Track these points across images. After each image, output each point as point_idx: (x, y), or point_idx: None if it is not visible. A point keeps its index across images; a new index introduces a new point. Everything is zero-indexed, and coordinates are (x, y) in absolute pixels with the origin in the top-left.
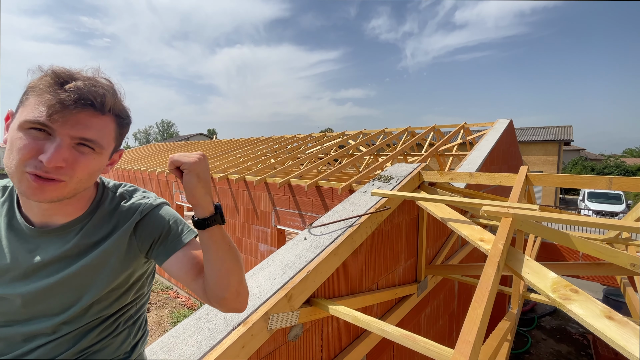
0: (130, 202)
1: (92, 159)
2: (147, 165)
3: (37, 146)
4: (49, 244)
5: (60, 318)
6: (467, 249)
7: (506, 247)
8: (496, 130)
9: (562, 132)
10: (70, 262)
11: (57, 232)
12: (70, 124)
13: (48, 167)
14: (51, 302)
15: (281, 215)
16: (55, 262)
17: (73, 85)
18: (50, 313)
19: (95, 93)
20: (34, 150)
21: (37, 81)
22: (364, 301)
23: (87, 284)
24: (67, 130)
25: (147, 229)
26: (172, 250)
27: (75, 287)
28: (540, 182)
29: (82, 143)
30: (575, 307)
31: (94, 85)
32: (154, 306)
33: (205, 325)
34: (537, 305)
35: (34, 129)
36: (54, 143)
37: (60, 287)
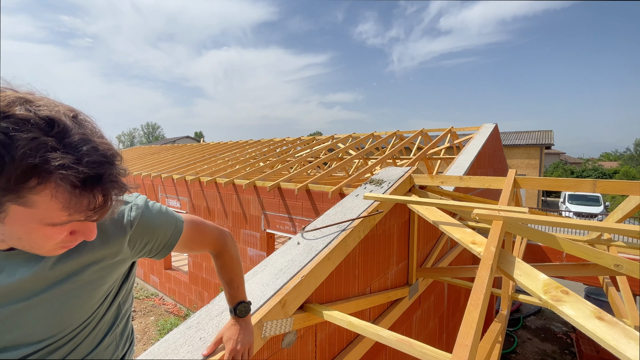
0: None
1: None
2: (132, 169)
3: (67, 229)
4: (16, 266)
5: (44, 342)
6: (456, 251)
7: (498, 249)
8: (482, 135)
9: (543, 137)
10: (47, 283)
11: (24, 253)
12: (101, 211)
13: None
14: (29, 328)
15: (271, 219)
16: (27, 285)
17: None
18: (32, 340)
19: (116, 169)
20: (65, 234)
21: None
22: (357, 305)
23: (74, 306)
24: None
25: (142, 237)
26: (171, 245)
27: (57, 312)
28: (528, 185)
29: None
30: (567, 308)
31: (107, 156)
32: (138, 314)
33: (196, 334)
34: (522, 306)
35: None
36: (85, 224)
37: (37, 312)
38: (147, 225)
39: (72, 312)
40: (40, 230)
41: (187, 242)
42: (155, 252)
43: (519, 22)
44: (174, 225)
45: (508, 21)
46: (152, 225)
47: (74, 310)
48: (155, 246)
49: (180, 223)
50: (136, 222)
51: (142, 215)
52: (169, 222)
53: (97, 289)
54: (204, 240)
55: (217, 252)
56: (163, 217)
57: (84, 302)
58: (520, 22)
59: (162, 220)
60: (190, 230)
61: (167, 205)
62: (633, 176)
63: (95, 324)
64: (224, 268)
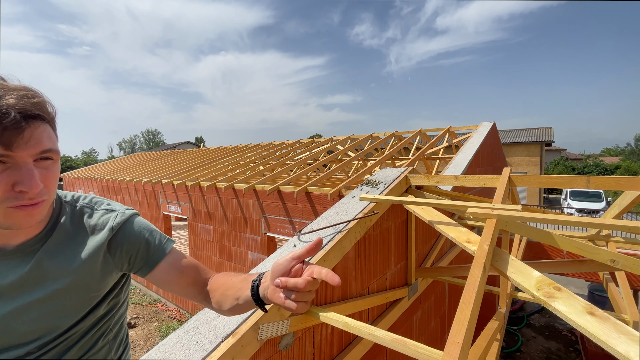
0: (96, 217)
1: (55, 169)
2: (132, 176)
3: (5, 179)
4: (6, 268)
5: (34, 345)
6: (455, 250)
7: (491, 247)
8: (480, 134)
9: (543, 134)
10: (36, 286)
11: (13, 254)
12: (25, 143)
13: (33, 194)
14: (19, 330)
15: (271, 223)
16: (16, 288)
17: (11, 103)
18: (21, 342)
19: (38, 104)
20: (4, 185)
21: None
22: (355, 307)
23: (61, 309)
24: (26, 152)
25: (122, 245)
26: (155, 262)
27: (47, 314)
28: (522, 183)
29: (43, 157)
30: (559, 304)
31: (28, 96)
32: (141, 320)
33: (193, 338)
34: (525, 304)
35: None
36: (20, 169)
37: (27, 315)
38: (129, 233)
39: (61, 315)
40: None
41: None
42: (139, 265)
43: (516, 19)
44: (160, 241)
45: (504, 19)
46: (135, 235)
47: (61, 312)
48: (138, 258)
49: (168, 242)
50: (118, 227)
51: (126, 223)
52: (154, 237)
53: (83, 293)
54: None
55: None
56: (149, 231)
57: (71, 305)
58: (516, 19)
59: (148, 234)
60: (178, 253)
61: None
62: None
63: (87, 328)
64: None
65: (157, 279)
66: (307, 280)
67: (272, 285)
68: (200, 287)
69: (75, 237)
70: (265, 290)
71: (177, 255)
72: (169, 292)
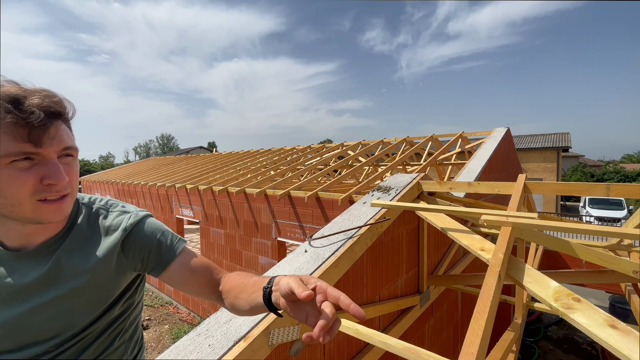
0: (110, 218)
1: (75, 165)
2: (147, 180)
3: (34, 174)
4: (27, 267)
5: (52, 343)
6: (469, 258)
7: (507, 256)
8: (494, 139)
9: (560, 139)
10: (54, 285)
11: (33, 254)
12: (51, 141)
13: (60, 187)
14: (38, 328)
15: (281, 227)
16: (35, 286)
17: (35, 103)
18: (40, 339)
19: (58, 104)
20: (33, 179)
21: None
22: (365, 313)
23: (77, 307)
24: (52, 148)
25: (135, 245)
26: (167, 262)
27: (64, 312)
28: (538, 190)
29: (65, 154)
30: (578, 316)
31: (49, 96)
32: (153, 322)
33: (205, 341)
34: (542, 315)
35: (17, 160)
36: (47, 165)
37: (46, 313)
38: (142, 234)
39: (76, 313)
40: (4, 171)
41: (188, 264)
42: (152, 265)
43: (530, 23)
44: (172, 241)
45: (518, 23)
46: (147, 235)
47: (77, 310)
48: (151, 258)
49: (180, 242)
50: (131, 228)
51: (139, 224)
52: (166, 237)
53: (98, 292)
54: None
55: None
56: (161, 231)
57: (87, 304)
58: (531, 23)
59: (160, 234)
60: (190, 252)
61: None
62: None
63: (103, 328)
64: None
65: (170, 278)
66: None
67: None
68: (213, 287)
69: (90, 238)
70: (277, 299)
71: (189, 255)
72: (183, 292)
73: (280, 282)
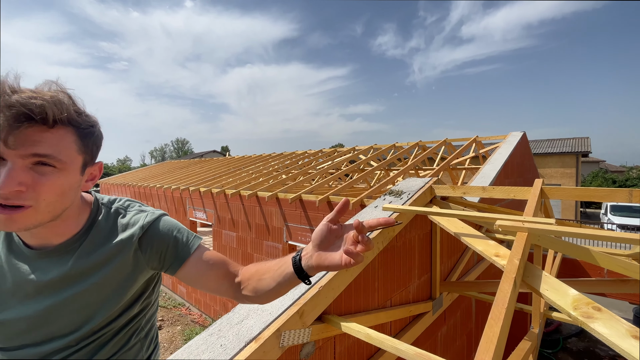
0: (128, 217)
1: (56, 178)
2: (162, 182)
3: None
4: (48, 265)
5: (72, 337)
6: (483, 265)
7: (522, 262)
8: (509, 143)
9: (579, 144)
10: (73, 282)
11: (54, 253)
12: (17, 143)
13: (3, 193)
14: (59, 323)
15: (293, 231)
16: (57, 283)
17: (8, 101)
18: (60, 334)
19: (33, 105)
20: None
21: None
22: (377, 319)
23: (95, 303)
24: (15, 151)
25: (152, 243)
26: (183, 258)
27: (83, 307)
28: (556, 195)
29: (41, 162)
30: (599, 325)
31: (33, 98)
32: (166, 323)
33: (217, 341)
34: (562, 326)
35: None
36: (5, 168)
37: (66, 308)
38: (159, 231)
39: (95, 308)
40: None
41: (205, 258)
42: (169, 262)
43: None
44: (188, 238)
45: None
46: (164, 233)
47: (96, 306)
48: (168, 255)
49: (196, 239)
50: (148, 226)
51: (156, 222)
52: (182, 234)
53: (116, 288)
54: (221, 257)
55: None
56: (177, 229)
57: (105, 299)
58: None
59: (176, 231)
60: (206, 248)
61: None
62: None
63: (121, 326)
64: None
65: (188, 274)
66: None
67: (316, 252)
68: (231, 280)
69: (109, 236)
70: (309, 260)
71: (204, 251)
72: (200, 289)
73: (315, 238)
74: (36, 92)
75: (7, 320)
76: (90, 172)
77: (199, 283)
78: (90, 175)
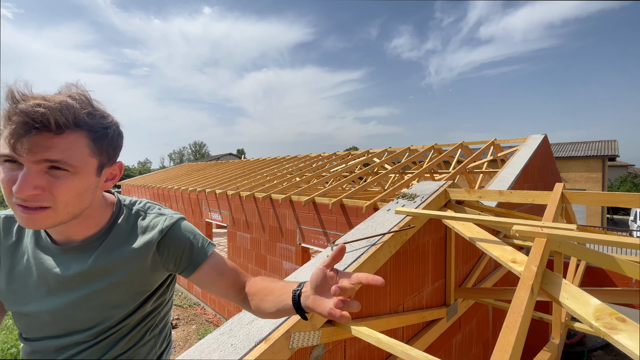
0: (148, 220)
1: (70, 181)
2: (180, 184)
3: (13, 178)
4: (71, 261)
5: (91, 332)
6: (501, 271)
7: (540, 269)
8: (529, 146)
9: (606, 147)
10: (93, 280)
11: (77, 250)
12: (27, 149)
13: (20, 196)
14: (79, 318)
15: (306, 234)
16: (77, 279)
17: (15, 110)
18: (79, 328)
19: (36, 114)
20: (11, 182)
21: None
22: (388, 323)
23: (114, 300)
24: (29, 157)
25: (169, 246)
26: (197, 264)
27: (101, 305)
28: (578, 200)
29: (54, 166)
30: (623, 337)
31: (37, 106)
32: (182, 321)
33: (228, 340)
34: (586, 338)
35: (8, 161)
36: (21, 172)
37: (86, 304)
38: (176, 236)
39: (113, 305)
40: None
41: (217, 266)
42: (184, 266)
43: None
44: (202, 244)
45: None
46: (181, 237)
47: (114, 303)
48: (183, 259)
49: (210, 246)
50: (167, 230)
51: (174, 226)
52: (198, 240)
53: (134, 287)
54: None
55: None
56: (193, 234)
57: (123, 297)
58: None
59: (192, 237)
60: (219, 256)
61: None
62: None
63: (136, 322)
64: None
65: (200, 279)
66: (351, 285)
67: (312, 294)
68: (239, 289)
69: (129, 237)
70: (306, 300)
71: (217, 258)
72: (210, 293)
73: (313, 279)
74: (43, 99)
75: (33, 312)
76: (110, 172)
77: (208, 288)
78: (110, 175)
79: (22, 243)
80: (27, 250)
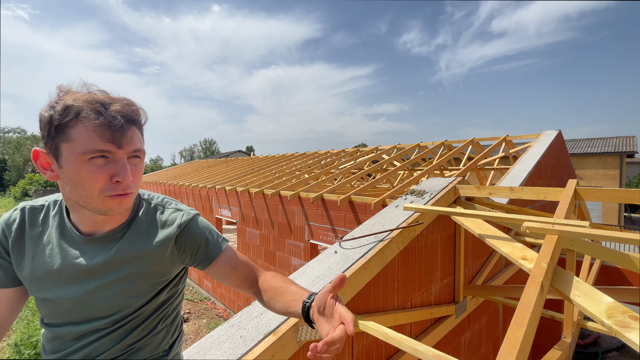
0: (167, 214)
1: (141, 166)
2: (190, 181)
3: (106, 172)
4: (95, 250)
5: (109, 319)
6: (512, 269)
7: (551, 266)
8: (542, 143)
9: (624, 143)
10: (113, 269)
11: (101, 240)
12: (125, 143)
13: (125, 185)
14: (98, 305)
15: (314, 230)
16: (99, 268)
17: (117, 109)
18: (98, 315)
19: (135, 112)
20: (105, 176)
21: (73, 113)
22: (396, 319)
23: (133, 290)
24: (124, 150)
25: (187, 241)
26: (212, 258)
27: (120, 294)
28: (592, 196)
29: (134, 155)
30: (635, 335)
31: (129, 104)
32: (193, 315)
33: (237, 332)
34: (601, 338)
35: (95, 157)
36: (118, 164)
37: (105, 293)
38: (193, 231)
39: (132, 295)
40: (84, 166)
41: (230, 261)
42: (199, 260)
43: (587, 17)
44: (217, 240)
45: (573, 17)
46: (197, 232)
47: (132, 292)
48: (199, 253)
49: (224, 241)
50: (185, 225)
51: (192, 222)
52: (213, 235)
53: (152, 278)
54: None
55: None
56: (209, 230)
57: (141, 287)
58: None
59: (208, 232)
60: (232, 251)
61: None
62: None
63: (150, 311)
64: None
65: (215, 272)
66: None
67: (317, 313)
68: (251, 283)
69: (149, 230)
70: (314, 314)
71: (231, 254)
72: (224, 284)
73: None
74: (122, 99)
75: (56, 299)
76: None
77: (223, 280)
78: None
79: (46, 232)
80: (52, 239)
